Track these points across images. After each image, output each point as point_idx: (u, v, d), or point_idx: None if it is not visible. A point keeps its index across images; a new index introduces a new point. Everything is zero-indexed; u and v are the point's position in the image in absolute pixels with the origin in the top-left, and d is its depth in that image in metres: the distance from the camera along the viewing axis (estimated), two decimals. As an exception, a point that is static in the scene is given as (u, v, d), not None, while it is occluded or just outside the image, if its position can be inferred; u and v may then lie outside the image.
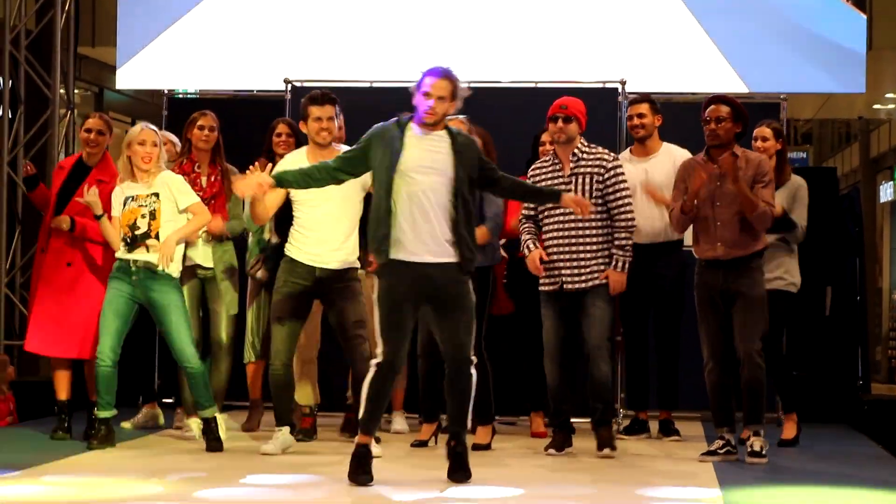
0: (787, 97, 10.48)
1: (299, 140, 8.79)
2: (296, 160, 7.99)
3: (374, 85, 10.57)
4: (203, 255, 8.69)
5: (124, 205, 8.00)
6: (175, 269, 8.05)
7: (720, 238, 7.88)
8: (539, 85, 10.59)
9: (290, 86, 10.52)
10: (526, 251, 8.20)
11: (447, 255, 6.86)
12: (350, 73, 10.99)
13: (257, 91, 11.35)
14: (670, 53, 11.23)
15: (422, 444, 8.44)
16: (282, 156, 8.66)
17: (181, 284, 8.17)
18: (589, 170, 8.08)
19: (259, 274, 8.79)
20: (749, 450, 7.87)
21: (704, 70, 11.21)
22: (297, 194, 7.92)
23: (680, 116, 9.88)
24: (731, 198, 7.84)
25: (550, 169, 8.19)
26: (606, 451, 7.99)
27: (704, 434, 9.08)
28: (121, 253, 8.02)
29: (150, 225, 7.95)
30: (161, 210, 7.97)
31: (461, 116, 8.39)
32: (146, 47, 11.58)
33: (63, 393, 8.67)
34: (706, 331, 7.98)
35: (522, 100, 10.35)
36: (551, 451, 8.12)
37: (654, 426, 9.12)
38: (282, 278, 8.01)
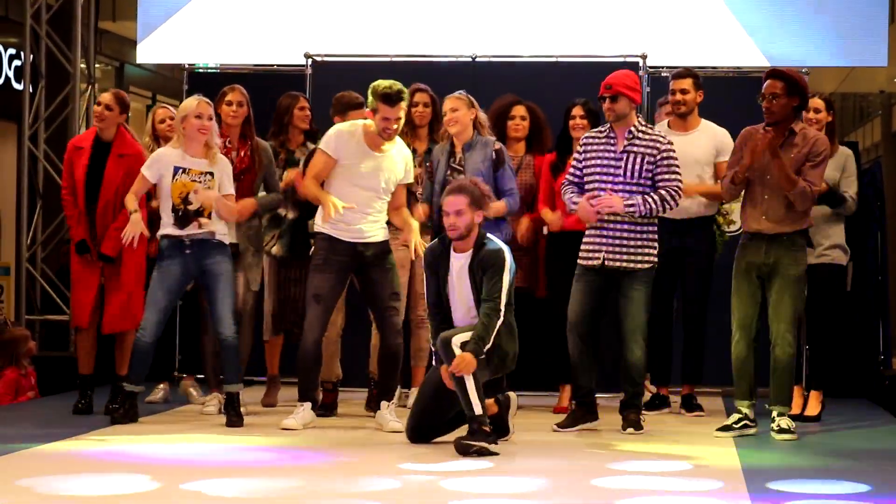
0: (808, 71, 10.41)
1: (313, 115, 8.98)
2: (352, 129, 7.99)
3: (395, 60, 10.55)
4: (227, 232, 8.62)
5: (174, 174, 7.98)
6: (227, 238, 8.12)
7: (765, 211, 7.86)
8: (559, 59, 10.56)
9: (310, 60, 10.51)
10: (573, 206, 8.13)
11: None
12: (370, 48, 10.98)
13: (278, 65, 11.34)
14: (691, 27, 11.18)
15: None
16: (302, 131, 8.72)
17: None
18: (641, 150, 8.03)
19: (274, 250, 8.80)
20: (777, 427, 7.85)
21: (725, 43, 11.16)
22: (340, 172, 7.95)
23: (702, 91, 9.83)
24: None
25: (605, 142, 8.13)
26: (630, 430, 7.98)
27: (725, 408, 9.06)
28: (170, 230, 8.00)
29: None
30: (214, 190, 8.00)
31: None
32: (167, 21, 11.58)
33: (86, 367, 8.68)
34: (737, 301, 7.96)
35: (542, 74, 10.32)
36: (555, 427, 8.08)
37: (673, 400, 9.13)
38: (321, 256, 8.00)
